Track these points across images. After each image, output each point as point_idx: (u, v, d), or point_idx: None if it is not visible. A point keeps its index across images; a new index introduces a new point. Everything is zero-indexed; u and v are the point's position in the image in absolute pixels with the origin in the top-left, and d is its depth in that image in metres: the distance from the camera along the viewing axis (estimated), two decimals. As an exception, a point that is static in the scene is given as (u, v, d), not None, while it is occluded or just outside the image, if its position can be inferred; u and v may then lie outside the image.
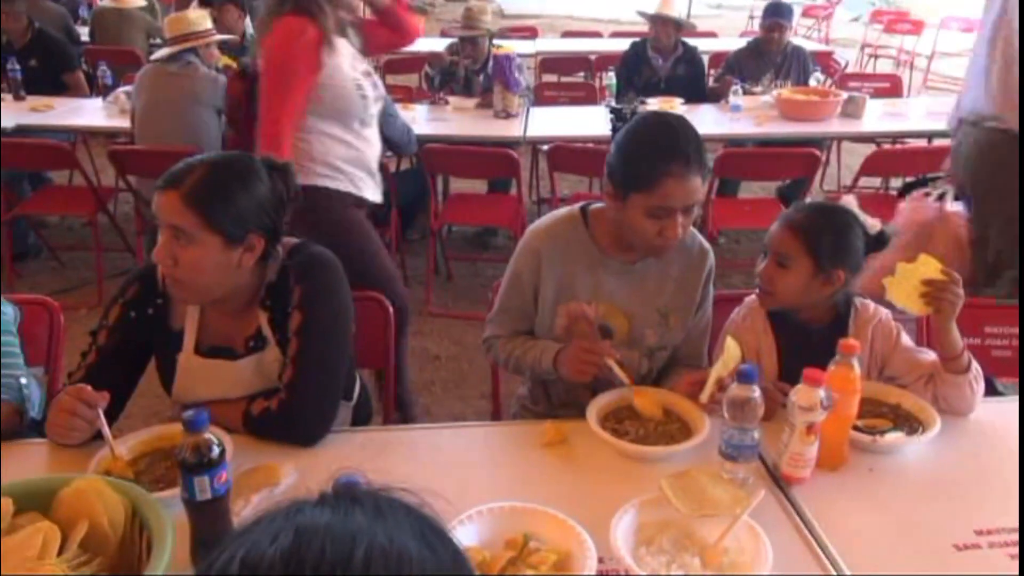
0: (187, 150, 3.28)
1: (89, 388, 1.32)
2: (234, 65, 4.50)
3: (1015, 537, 1.23)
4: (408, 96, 4.54)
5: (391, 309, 1.86)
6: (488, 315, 1.77)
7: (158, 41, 5.32)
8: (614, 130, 1.52)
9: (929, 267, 1.45)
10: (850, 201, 1.58)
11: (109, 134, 4.17)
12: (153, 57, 3.74)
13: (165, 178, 1.38)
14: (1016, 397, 1.67)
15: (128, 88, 3.95)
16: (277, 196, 1.45)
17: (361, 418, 1.76)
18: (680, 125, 1.50)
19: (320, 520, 0.52)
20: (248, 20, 4.92)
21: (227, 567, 0.49)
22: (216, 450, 1.12)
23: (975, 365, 1.50)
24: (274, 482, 1.31)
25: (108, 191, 3.96)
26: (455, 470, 1.41)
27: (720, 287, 3.83)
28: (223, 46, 4.10)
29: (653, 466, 1.39)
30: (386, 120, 3.38)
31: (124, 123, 3.81)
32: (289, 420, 1.42)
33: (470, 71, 4.43)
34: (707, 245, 1.71)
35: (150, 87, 3.52)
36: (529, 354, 1.64)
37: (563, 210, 1.71)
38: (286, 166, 1.49)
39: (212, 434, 1.13)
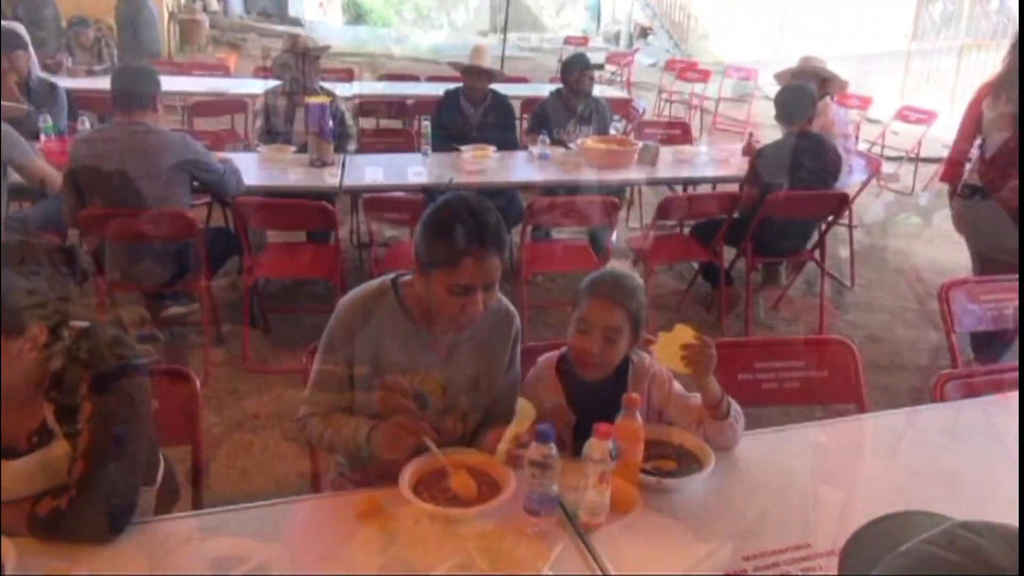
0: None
1: None
2: (23, 108, 4.22)
3: (775, 559, 1.42)
4: (218, 142, 4.39)
5: (197, 383, 1.81)
6: (302, 393, 1.76)
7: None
8: (426, 205, 1.60)
9: (686, 333, 1.64)
10: (625, 267, 1.77)
11: None
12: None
13: None
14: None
15: None
16: (60, 281, 1.38)
17: (166, 501, 1.69)
18: (481, 208, 1.59)
19: None
20: (33, 59, 4.66)
21: None
22: (-7, 568, 1.05)
23: (735, 408, 1.70)
24: (65, 589, 1.23)
25: None
26: (268, 550, 1.39)
27: (538, 324, 4.02)
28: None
29: (465, 527, 1.45)
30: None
31: None
32: (81, 519, 1.34)
33: (291, 105, 4.46)
34: (512, 309, 1.81)
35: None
36: (344, 431, 1.64)
37: (375, 282, 1.74)
38: (71, 249, 1.42)
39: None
